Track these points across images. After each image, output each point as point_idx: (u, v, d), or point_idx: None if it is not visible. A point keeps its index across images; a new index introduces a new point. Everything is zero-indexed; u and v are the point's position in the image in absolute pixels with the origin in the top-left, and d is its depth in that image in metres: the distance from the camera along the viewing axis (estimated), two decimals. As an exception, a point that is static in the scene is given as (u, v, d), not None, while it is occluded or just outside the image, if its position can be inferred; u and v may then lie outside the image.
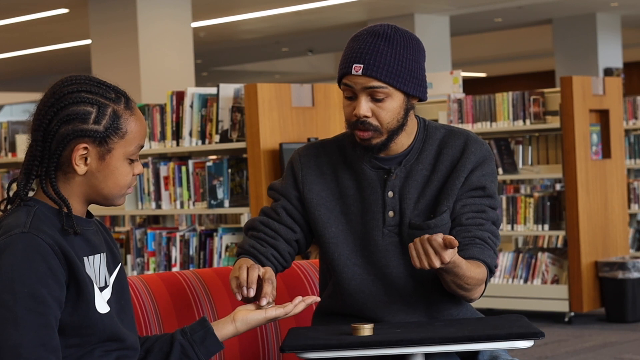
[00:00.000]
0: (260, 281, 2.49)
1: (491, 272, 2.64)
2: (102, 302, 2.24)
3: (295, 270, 3.07)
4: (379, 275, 2.70)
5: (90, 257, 2.24)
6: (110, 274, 2.31)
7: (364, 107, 2.62)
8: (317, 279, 2.97)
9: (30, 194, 2.28)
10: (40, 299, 2.10)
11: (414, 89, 2.65)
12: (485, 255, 2.62)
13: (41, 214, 2.19)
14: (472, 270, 2.55)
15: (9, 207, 2.26)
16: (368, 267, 2.70)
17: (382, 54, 2.60)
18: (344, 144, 2.78)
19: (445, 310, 2.70)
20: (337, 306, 2.76)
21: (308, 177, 2.77)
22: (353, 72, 2.61)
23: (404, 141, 2.70)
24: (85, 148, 2.21)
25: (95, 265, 2.25)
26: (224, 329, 2.43)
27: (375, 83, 2.60)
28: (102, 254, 2.29)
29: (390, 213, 2.69)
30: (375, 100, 2.62)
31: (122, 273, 2.36)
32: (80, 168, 2.22)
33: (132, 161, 2.29)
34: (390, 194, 2.69)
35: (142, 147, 2.32)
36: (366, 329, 2.42)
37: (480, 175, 2.69)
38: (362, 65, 2.60)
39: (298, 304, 2.45)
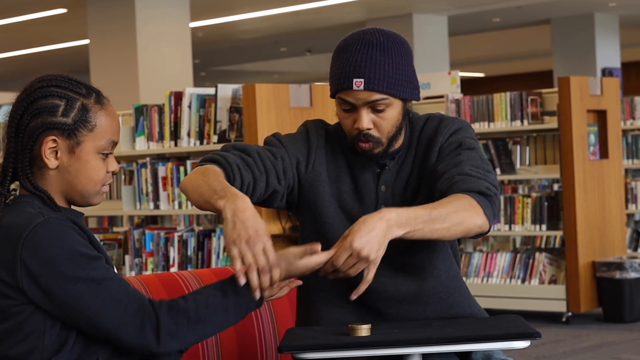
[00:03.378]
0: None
1: (482, 194, 2.50)
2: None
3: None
4: None
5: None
6: None
7: (366, 120, 2.61)
8: None
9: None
10: (95, 256, 2.20)
11: (411, 93, 2.66)
12: (468, 184, 2.51)
13: (41, 206, 2.24)
14: (443, 205, 2.44)
15: None
16: None
17: (380, 65, 2.59)
18: (343, 134, 2.76)
19: (436, 301, 2.70)
20: (323, 288, 2.71)
21: (320, 150, 2.75)
22: (354, 87, 2.58)
23: (398, 141, 2.72)
24: (54, 141, 2.25)
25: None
26: None
27: (377, 96, 2.59)
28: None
29: (383, 207, 2.69)
30: (376, 111, 2.62)
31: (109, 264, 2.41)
32: (51, 162, 2.26)
33: (105, 157, 2.31)
34: (383, 188, 2.71)
35: (115, 143, 2.33)
36: (363, 329, 2.43)
37: (454, 138, 2.66)
38: (362, 80, 2.58)
39: (283, 288, 2.39)
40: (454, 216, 2.43)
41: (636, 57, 22.59)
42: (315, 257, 2.35)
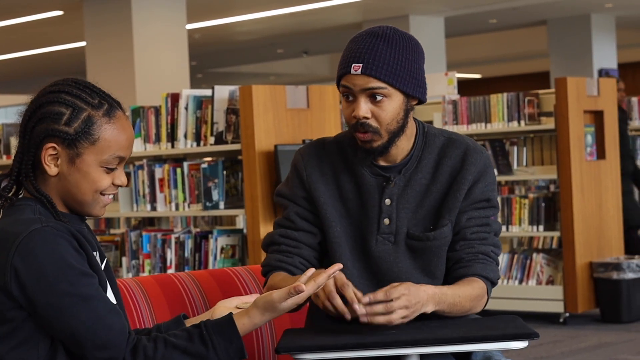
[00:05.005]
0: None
1: (493, 284, 2.68)
2: (110, 293, 2.29)
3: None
4: (374, 281, 2.70)
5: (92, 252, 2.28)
6: None
7: (363, 108, 2.60)
8: None
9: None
10: (87, 272, 2.17)
11: (413, 89, 2.64)
12: (487, 270, 2.67)
13: (43, 212, 2.22)
14: (463, 292, 2.59)
15: None
16: (363, 271, 2.71)
17: (381, 53, 2.59)
18: (344, 145, 2.76)
19: (438, 316, 2.70)
20: None
21: (312, 176, 2.75)
22: (352, 71, 2.59)
23: (404, 145, 2.69)
24: (54, 148, 2.22)
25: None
26: None
27: (375, 83, 2.59)
28: (97, 251, 2.31)
29: (386, 220, 2.68)
30: (374, 101, 2.61)
31: (108, 268, 2.37)
32: (51, 169, 2.23)
33: (109, 171, 2.27)
34: (387, 201, 2.69)
35: (122, 158, 2.27)
36: None
37: (484, 187, 2.70)
38: (361, 65, 2.58)
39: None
40: (467, 304, 2.60)
41: (632, 58, 22.60)
42: (301, 296, 2.31)
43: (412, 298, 2.43)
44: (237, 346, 2.24)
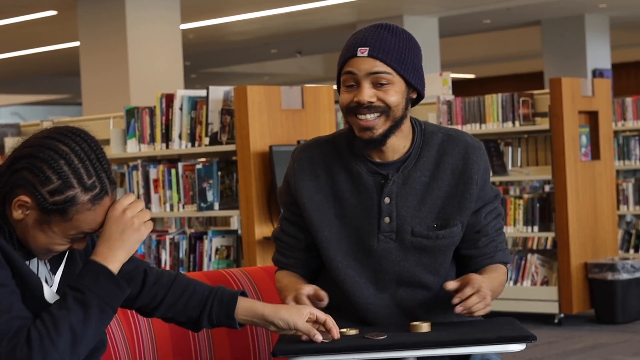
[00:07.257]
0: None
1: (508, 265, 2.86)
2: (50, 294, 2.23)
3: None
4: (372, 280, 2.69)
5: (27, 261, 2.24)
6: (54, 272, 2.29)
7: (368, 92, 2.58)
8: None
9: None
10: None
11: (415, 79, 2.63)
12: (506, 256, 2.81)
13: None
14: (497, 279, 2.71)
15: None
16: (362, 270, 2.68)
17: (387, 40, 2.60)
18: (339, 144, 2.72)
19: (438, 317, 2.70)
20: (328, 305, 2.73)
21: (301, 181, 2.72)
22: (359, 54, 2.58)
23: (399, 144, 2.66)
24: (27, 202, 2.15)
25: (33, 267, 2.25)
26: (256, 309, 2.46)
27: (381, 67, 2.58)
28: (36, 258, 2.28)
29: (386, 219, 2.66)
30: (378, 87, 2.59)
31: (72, 268, 2.32)
32: (17, 213, 2.17)
33: (72, 240, 2.22)
34: (386, 200, 2.66)
35: (88, 234, 2.22)
36: (424, 327, 2.47)
37: (491, 184, 2.77)
38: (367, 48, 2.58)
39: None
40: (499, 289, 2.73)
41: (626, 58, 22.64)
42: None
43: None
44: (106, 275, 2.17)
